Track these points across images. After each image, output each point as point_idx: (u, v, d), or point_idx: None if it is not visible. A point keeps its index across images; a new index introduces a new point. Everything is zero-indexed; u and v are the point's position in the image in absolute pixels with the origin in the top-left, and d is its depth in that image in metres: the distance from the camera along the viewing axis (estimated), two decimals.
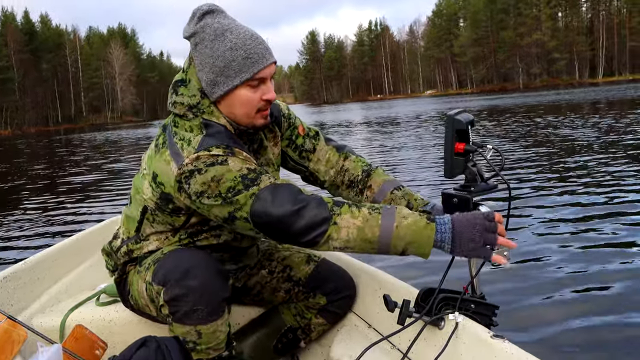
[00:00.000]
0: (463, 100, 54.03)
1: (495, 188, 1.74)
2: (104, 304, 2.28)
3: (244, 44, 1.71)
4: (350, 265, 2.31)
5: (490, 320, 1.69)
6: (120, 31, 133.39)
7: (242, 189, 1.61)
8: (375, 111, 44.39)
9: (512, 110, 27.54)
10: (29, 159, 23.09)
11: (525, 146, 11.53)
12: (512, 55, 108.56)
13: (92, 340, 1.96)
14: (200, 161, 1.64)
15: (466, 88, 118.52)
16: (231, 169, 1.63)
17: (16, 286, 2.28)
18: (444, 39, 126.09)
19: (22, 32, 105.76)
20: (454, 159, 1.68)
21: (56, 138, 45.59)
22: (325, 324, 2.19)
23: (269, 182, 1.63)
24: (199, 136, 1.71)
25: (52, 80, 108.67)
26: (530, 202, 6.27)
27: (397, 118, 29.73)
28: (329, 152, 2.10)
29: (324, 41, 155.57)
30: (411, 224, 1.59)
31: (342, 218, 1.60)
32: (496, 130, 16.22)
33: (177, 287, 1.69)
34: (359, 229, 1.60)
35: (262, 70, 1.72)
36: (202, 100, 1.77)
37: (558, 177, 7.68)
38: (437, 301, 1.68)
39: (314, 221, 1.59)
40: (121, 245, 1.97)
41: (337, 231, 1.59)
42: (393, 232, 1.59)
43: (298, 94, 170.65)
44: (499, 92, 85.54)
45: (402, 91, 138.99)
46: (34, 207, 8.62)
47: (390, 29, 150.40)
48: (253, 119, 1.79)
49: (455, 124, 1.67)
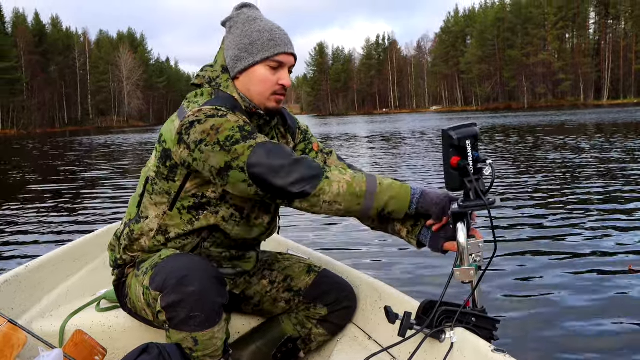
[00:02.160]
0: (468, 118, 54.07)
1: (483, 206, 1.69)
2: (104, 310, 2.27)
3: (271, 29, 1.90)
4: (351, 276, 2.31)
5: (491, 334, 1.69)
6: (130, 36, 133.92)
7: (239, 139, 1.74)
8: (381, 125, 44.37)
9: (517, 129, 27.55)
10: (33, 160, 23.06)
11: (527, 165, 11.60)
12: (518, 74, 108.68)
13: (92, 346, 1.96)
14: (202, 112, 1.77)
15: (471, 105, 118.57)
16: (230, 119, 1.77)
17: (17, 290, 2.27)
18: (451, 55, 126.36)
19: (32, 33, 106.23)
20: (450, 173, 1.70)
21: (61, 139, 45.59)
22: (325, 334, 2.20)
23: (265, 139, 1.77)
24: (207, 99, 1.86)
25: (60, 82, 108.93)
26: (532, 217, 6.34)
27: (402, 133, 29.76)
28: (341, 167, 2.15)
29: (332, 53, 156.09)
30: (390, 182, 1.81)
31: (332, 174, 1.75)
32: (499, 149, 16.28)
33: (174, 294, 1.70)
34: (348, 184, 1.75)
35: (282, 55, 1.90)
36: (222, 75, 1.94)
37: (559, 194, 7.73)
38: (438, 314, 1.69)
39: (308, 174, 1.73)
40: (124, 229, 2.03)
41: (329, 184, 1.74)
42: (377, 187, 1.78)
43: (304, 105, 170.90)
44: (504, 110, 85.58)
45: (408, 106, 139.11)
46: (35, 211, 8.60)
47: (398, 44, 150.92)
48: (266, 100, 1.93)
49: (447, 138, 1.69)
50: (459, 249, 1.70)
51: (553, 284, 4.15)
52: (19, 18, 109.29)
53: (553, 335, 3.28)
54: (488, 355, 1.50)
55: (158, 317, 1.78)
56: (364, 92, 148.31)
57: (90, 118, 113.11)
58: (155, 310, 1.79)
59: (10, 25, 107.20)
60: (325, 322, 2.18)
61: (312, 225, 6.50)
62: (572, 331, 3.33)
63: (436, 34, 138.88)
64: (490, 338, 1.68)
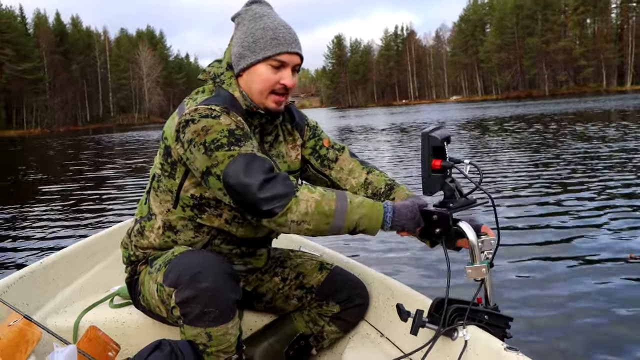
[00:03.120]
0: (488, 107, 53.48)
1: (474, 203, 1.76)
2: (117, 306, 2.29)
3: (276, 28, 1.88)
4: (363, 273, 2.31)
5: (504, 332, 1.69)
6: (149, 33, 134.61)
7: (224, 144, 1.74)
8: (400, 117, 44.04)
9: (540, 118, 27.22)
10: (52, 158, 23.33)
11: (545, 156, 11.50)
12: (538, 62, 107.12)
13: (105, 342, 1.97)
14: (197, 112, 1.79)
15: (491, 94, 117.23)
16: (221, 122, 1.78)
17: (32, 286, 2.30)
18: (470, 44, 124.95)
19: (54, 33, 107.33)
20: (431, 176, 1.69)
21: (84, 137, 46.06)
22: (338, 331, 2.19)
23: (250, 150, 1.75)
24: (207, 96, 1.89)
25: (82, 81, 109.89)
26: (546, 212, 6.31)
27: (421, 125, 29.57)
28: (353, 163, 2.18)
29: (350, 45, 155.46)
30: (361, 200, 1.77)
31: (301, 192, 1.72)
32: (523, 139, 16.14)
33: (188, 290, 1.72)
34: (317, 202, 1.72)
35: (284, 54, 1.88)
36: (226, 72, 1.95)
37: (577, 187, 7.67)
38: (450, 312, 1.68)
39: (278, 193, 1.69)
40: (134, 226, 2.06)
41: (296, 203, 1.70)
42: (347, 206, 1.74)
43: (324, 98, 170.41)
44: (525, 98, 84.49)
45: (428, 96, 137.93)
46: (51, 207, 8.67)
47: (416, 34, 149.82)
48: (266, 99, 1.91)
49: (430, 140, 1.68)
50: (470, 246, 1.71)
51: (567, 281, 4.13)
52: (40, 19, 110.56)
53: (567, 334, 3.27)
54: (501, 354, 1.49)
55: (172, 313, 1.80)
56: (383, 84, 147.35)
57: (111, 115, 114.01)
58: (169, 306, 1.80)
59: (32, 26, 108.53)
60: (338, 319, 2.18)
61: None
62: (585, 330, 3.32)
63: (454, 23, 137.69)
64: (504, 336, 1.68)
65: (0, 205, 9.24)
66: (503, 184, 8.36)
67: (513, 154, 12.09)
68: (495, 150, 13.31)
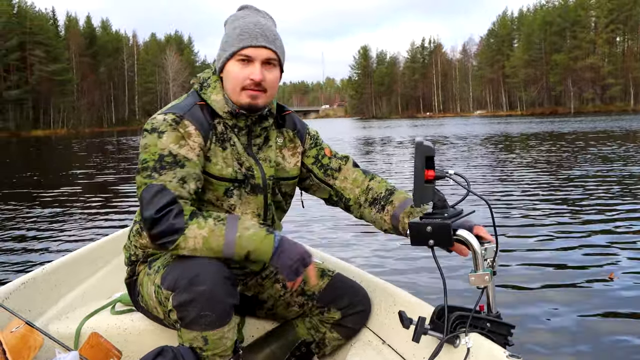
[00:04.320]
0: (512, 122, 53.18)
1: (471, 212, 1.76)
2: (119, 313, 2.28)
3: (245, 26, 1.92)
4: (365, 280, 2.30)
5: (506, 339, 1.68)
6: (177, 38, 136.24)
7: (149, 167, 1.82)
8: (423, 130, 43.89)
9: (562, 136, 27.00)
10: (73, 159, 23.60)
11: (563, 176, 11.42)
12: (564, 79, 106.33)
13: (107, 349, 1.97)
14: (152, 123, 1.88)
15: (516, 110, 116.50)
16: (157, 143, 1.85)
17: (34, 292, 2.29)
18: (496, 59, 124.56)
19: (84, 36, 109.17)
20: (424, 186, 1.67)
21: (107, 139, 46.52)
22: (339, 338, 2.18)
23: (167, 180, 1.81)
24: (178, 102, 1.96)
25: (109, 84, 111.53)
26: (552, 222, 6.26)
27: (447, 138, 29.49)
28: (356, 172, 2.18)
29: (376, 56, 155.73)
30: (252, 234, 1.81)
31: (189, 229, 1.77)
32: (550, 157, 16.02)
33: (185, 293, 1.73)
34: (204, 239, 1.77)
35: (248, 48, 1.90)
36: (212, 76, 2.00)
37: (580, 204, 7.58)
38: (452, 319, 1.68)
39: (168, 229, 1.75)
40: (133, 226, 2.10)
41: (184, 241, 1.76)
42: (236, 242, 1.79)
43: (348, 108, 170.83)
44: (550, 115, 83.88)
45: (452, 110, 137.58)
46: (56, 212, 8.60)
47: (443, 47, 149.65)
48: (239, 96, 1.93)
49: (425, 150, 1.66)
50: (473, 254, 1.70)
51: (569, 289, 4.14)
52: (71, 21, 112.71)
53: (569, 341, 3.28)
54: None
55: (169, 316, 1.81)
56: (407, 96, 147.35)
57: (136, 118, 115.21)
58: (166, 309, 1.82)
59: (63, 28, 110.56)
60: (339, 326, 2.17)
61: (325, 230, 6.51)
62: (587, 337, 3.32)
63: (482, 37, 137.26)
64: (506, 344, 1.67)
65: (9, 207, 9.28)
66: (511, 195, 8.32)
67: (528, 171, 12.00)
68: (512, 166, 13.23)
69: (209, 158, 1.93)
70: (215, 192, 1.96)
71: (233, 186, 1.97)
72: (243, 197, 1.99)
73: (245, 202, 2.00)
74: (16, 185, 13.20)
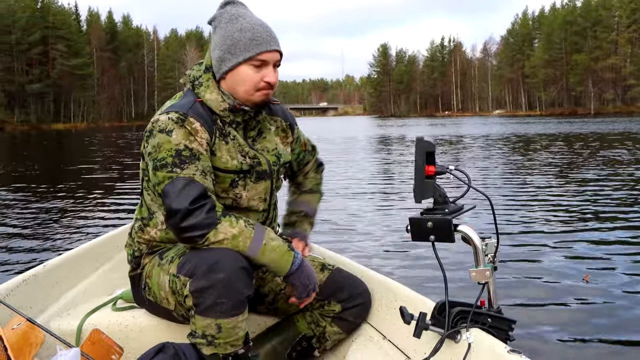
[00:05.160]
0: (531, 122, 52.62)
1: (473, 207, 1.78)
2: (120, 309, 2.28)
3: (253, 28, 1.94)
4: (366, 275, 2.29)
5: (507, 334, 1.69)
6: (197, 34, 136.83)
7: (168, 164, 1.86)
8: (441, 129, 43.43)
9: (582, 138, 26.68)
10: (88, 152, 23.67)
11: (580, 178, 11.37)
12: (584, 79, 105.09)
13: (109, 345, 1.96)
14: (157, 124, 1.91)
15: (535, 110, 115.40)
16: (171, 140, 1.88)
17: (35, 289, 2.27)
18: (516, 58, 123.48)
19: (105, 31, 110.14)
20: (424, 182, 1.69)
21: (125, 134, 46.71)
22: (340, 332, 2.18)
23: (191, 174, 1.85)
24: (174, 101, 1.99)
25: (129, 78, 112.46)
26: (554, 219, 6.17)
27: (464, 138, 29.29)
28: (313, 173, 2.46)
29: (396, 54, 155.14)
30: (276, 246, 1.89)
31: (222, 225, 1.82)
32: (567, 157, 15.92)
33: (204, 279, 1.75)
34: (233, 237, 1.82)
35: (264, 53, 1.94)
36: (204, 75, 2.02)
37: (585, 199, 7.49)
38: (453, 315, 1.68)
39: (200, 223, 1.79)
40: (134, 224, 2.12)
41: (215, 235, 1.81)
42: (260, 249, 1.86)
43: (367, 106, 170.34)
44: (569, 115, 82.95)
45: (470, 109, 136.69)
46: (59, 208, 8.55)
47: (462, 46, 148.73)
48: (252, 96, 1.98)
49: (426, 146, 1.68)
50: (474, 250, 1.71)
51: (570, 285, 4.17)
52: (93, 17, 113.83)
53: (570, 336, 3.29)
54: (504, 356, 1.50)
55: (185, 302, 1.83)
56: (426, 94, 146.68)
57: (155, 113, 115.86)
58: (182, 296, 1.84)
59: (85, 23, 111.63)
60: (339, 319, 2.17)
61: (327, 225, 6.50)
62: (588, 332, 3.34)
63: (502, 37, 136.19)
64: (507, 339, 1.68)
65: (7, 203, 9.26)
66: (519, 194, 8.33)
67: (537, 172, 11.94)
68: (524, 167, 13.16)
69: (214, 152, 1.97)
70: (221, 185, 2.00)
71: (238, 177, 2.02)
72: (248, 186, 2.05)
73: (252, 189, 2.06)
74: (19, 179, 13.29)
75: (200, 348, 1.80)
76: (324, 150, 18.95)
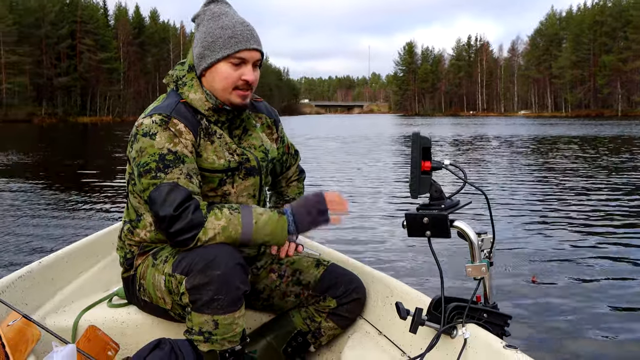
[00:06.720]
0: (557, 124, 52.10)
1: (469, 203, 1.77)
2: (116, 306, 2.28)
3: (233, 26, 1.94)
4: (362, 271, 2.29)
5: (503, 330, 1.69)
6: None
7: (152, 169, 1.85)
8: (465, 129, 43.19)
9: (610, 140, 26.34)
10: (101, 147, 24.08)
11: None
12: (612, 81, 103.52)
13: (105, 341, 1.95)
14: (140, 128, 1.91)
15: (561, 111, 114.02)
16: (154, 144, 1.88)
17: (31, 285, 2.26)
18: (543, 59, 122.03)
19: (132, 26, 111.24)
20: (421, 177, 1.67)
21: None
22: (335, 327, 2.18)
23: (175, 178, 1.84)
24: (158, 103, 1.99)
25: (154, 73, 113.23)
26: (553, 217, 6.23)
27: (489, 139, 29.06)
28: (294, 170, 2.45)
29: (422, 53, 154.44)
30: (267, 219, 1.88)
31: (209, 221, 1.81)
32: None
33: (200, 276, 1.76)
34: (223, 229, 1.82)
35: (243, 51, 1.94)
36: (187, 74, 2.02)
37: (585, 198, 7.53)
38: (449, 310, 1.68)
39: (188, 225, 1.79)
40: (123, 227, 2.12)
41: (204, 233, 1.80)
42: (253, 227, 1.85)
43: (392, 104, 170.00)
44: (596, 117, 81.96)
45: (496, 109, 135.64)
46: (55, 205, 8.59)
47: (489, 45, 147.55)
48: (230, 95, 1.97)
49: (422, 141, 1.67)
50: (470, 245, 1.70)
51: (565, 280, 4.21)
52: (121, 11, 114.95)
53: (566, 332, 3.31)
54: (500, 352, 1.50)
55: (181, 300, 1.83)
56: (451, 93, 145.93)
57: None
58: (178, 294, 1.84)
59: (113, 18, 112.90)
60: (335, 315, 2.16)
61: None
62: (583, 327, 3.36)
63: (529, 37, 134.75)
64: (502, 334, 1.68)
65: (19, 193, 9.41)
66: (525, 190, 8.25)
67: (548, 174, 11.85)
68: (537, 168, 13.09)
69: (199, 154, 1.97)
70: (209, 184, 2.00)
71: (226, 175, 2.02)
72: (237, 183, 2.04)
73: (239, 186, 2.05)
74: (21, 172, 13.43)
75: (197, 344, 1.80)
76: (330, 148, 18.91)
